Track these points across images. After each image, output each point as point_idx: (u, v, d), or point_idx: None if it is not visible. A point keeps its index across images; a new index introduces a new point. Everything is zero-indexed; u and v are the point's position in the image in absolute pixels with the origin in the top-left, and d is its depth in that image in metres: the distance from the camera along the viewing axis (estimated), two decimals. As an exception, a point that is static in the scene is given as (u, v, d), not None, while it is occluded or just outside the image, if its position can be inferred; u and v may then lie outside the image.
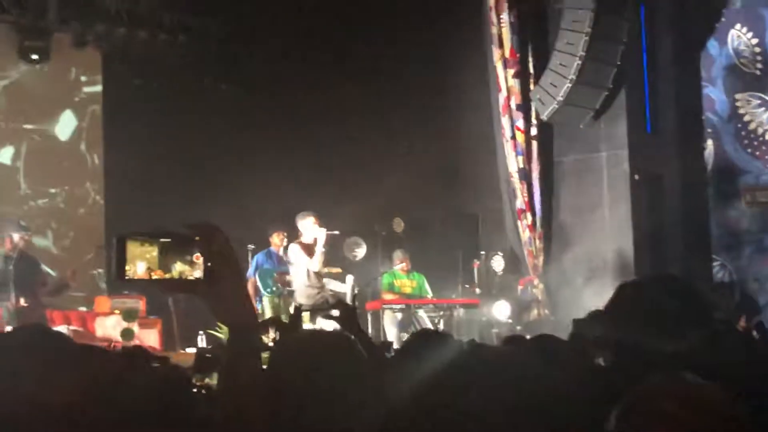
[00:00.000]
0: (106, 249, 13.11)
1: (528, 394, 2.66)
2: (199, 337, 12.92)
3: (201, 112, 15.51)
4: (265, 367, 2.70)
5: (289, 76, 15.48)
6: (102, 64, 15.28)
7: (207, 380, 6.28)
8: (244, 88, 15.54)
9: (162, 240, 2.30)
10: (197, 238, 2.29)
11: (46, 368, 2.20)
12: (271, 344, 6.88)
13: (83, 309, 13.65)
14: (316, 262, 12.45)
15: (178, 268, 2.30)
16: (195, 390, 5.53)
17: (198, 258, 2.29)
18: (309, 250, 12.50)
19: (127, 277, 2.28)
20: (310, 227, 12.55)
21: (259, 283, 13.06)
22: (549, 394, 2.77)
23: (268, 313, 12.73)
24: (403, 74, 15.82)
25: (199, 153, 15.38)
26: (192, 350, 12.42)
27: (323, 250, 12.50)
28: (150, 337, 13.03)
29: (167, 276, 2.29)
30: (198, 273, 2.29)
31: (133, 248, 2.30)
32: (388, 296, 13.62)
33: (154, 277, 2.29)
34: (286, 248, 13.15)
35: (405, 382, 2.81)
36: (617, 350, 3.03)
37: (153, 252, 2.30)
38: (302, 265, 12.51)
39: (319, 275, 12.66)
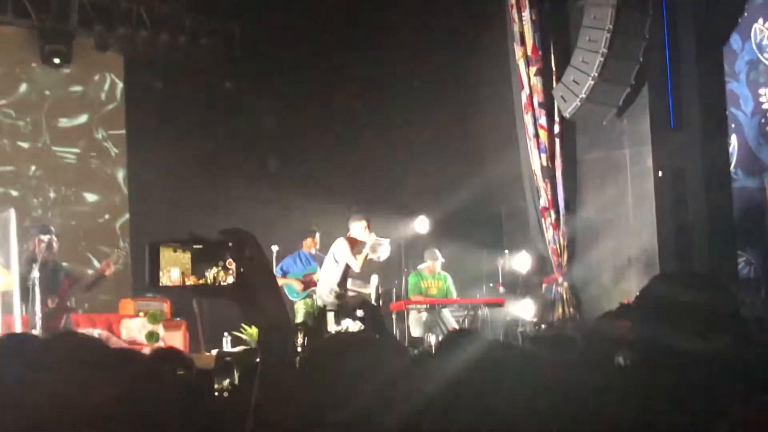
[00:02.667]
0: (131, 254, 13.14)
1: (545, 392, 2.66)
2: (223, 339, 12.94)
3: (223, 115, 15.57)
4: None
5: (312, 77, 15.49)
6: (124, 67, 15.32)
7: (227, 383, 6.30)
8: (267, 90, 15.56)
9: (195, 246, 2.30)
10: (230, 244, 2.29)
11: (79, 373, 2.20)
12: (299, 349, 6.91)
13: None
14: (359, 263, 12.38)
15: (212, 273, 2.30)
16: (217, 393, 5.56)
17: (231, 264, 2.29)
18: (354, 248, 12.45)
19: (161, 284, 2.28)
20: (361, 231, 12.49)
21: (284, 290, 13.06)
22: (565, 393, 2.77)
23: (300, 316, 12.75)
24: (426, 73, 15.83)
25: (222, 155, 15.42)
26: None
27: (368, 252, 12.45)
28: (175, 340, 13.05)
29: (201, 282, 2.29)
30: (231, 278, 2.29)
31: (166, 255, 2.30)
32: (416, 298, 13.58)
33: (188, 283, 2.30)
34: (316, 251, 13.21)
35: (438, 381, 2.82)
36: (639, 349, 3.00)
37: (186, 258, 2.30)
38: (344, 261, 12.41)
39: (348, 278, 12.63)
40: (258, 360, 2.37)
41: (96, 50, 14.74)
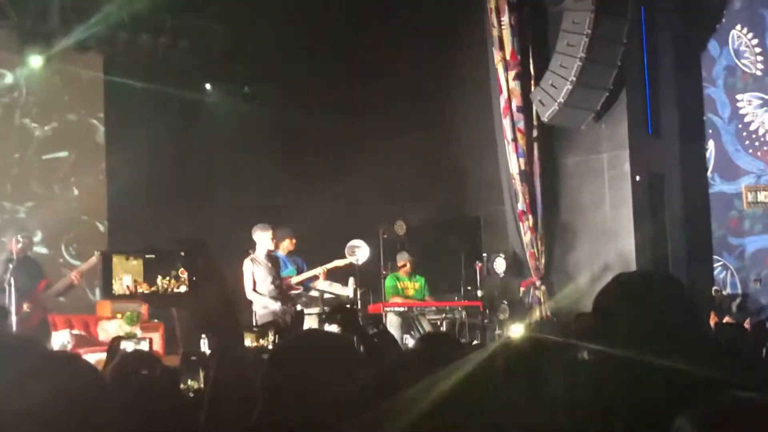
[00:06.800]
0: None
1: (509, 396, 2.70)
2: (201, 341, 12.93)
3: (203, 117, 15.60)
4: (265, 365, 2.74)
5: (290, 81, 15.51)
6: (104, 68, 15.28)
7: (192, 383, 6.35)
8: (246, 93, 15.61)
9: (147, 256, 2.34)
10: (182, 253, 2.33)
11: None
12: (270, 347, 6.94)
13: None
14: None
15: (163, 282, 2.34)
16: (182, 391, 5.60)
17: (183, 272, 2.33)
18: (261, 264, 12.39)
19: (114, 292, 2.32)
20: (267, 241, 12.46)
21: None
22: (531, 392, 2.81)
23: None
24: (405, 77, 15.86)
25: (201, 158, 15.46)
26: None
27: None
28: (152, 342, 13.03)
29: (152, 289, 2.33)
30: (183, 287, 2.33)
31: (119, 263, 2.34)
32: (395, 299, 13.65)
33: (140, 290, 2.34)
34: (291, 252, 13.21)
35: (415, 383, 2.85)
36: (602, 344, 3.05)
37: (139, 266, 2.34)
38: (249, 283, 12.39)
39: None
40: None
41: (76, 51, 14.69)
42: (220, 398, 2.30)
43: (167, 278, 2.05)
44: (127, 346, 10.51)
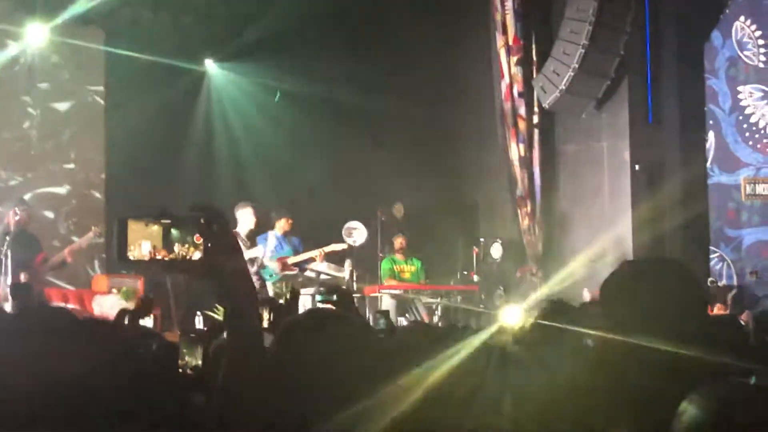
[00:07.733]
0: (106, 231, 13.12)
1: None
2: (196, 318, 12.92)
3: (203, 92, 15.58)
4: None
5: (292, 56, 15.45)
6: (105, 42, 15.21)
7: (190, 360, 6.32)
8: (249, 70, 15.56)
9: (164, 221, 2.32)
10: (201, 220, 2.31)
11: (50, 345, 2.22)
12: (265, 325, 6.91)
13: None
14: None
15: (180, 248, 2.31)
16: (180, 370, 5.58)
17: (199, 239, 2.30)
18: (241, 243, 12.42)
19: (130, 258, 2.30)
20: (248, 217, 12.50)
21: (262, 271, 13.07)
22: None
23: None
24: (405, 60, 15.81)
25: (200, 133, 15.45)
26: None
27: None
28: (147, 318, 13.00)
29: (171, 256, 2.31)
30: (199, 254, 2.31)
31: (135, 229, 2.31)
32: (390, 282, 13.65)
33: (158, 257, 2.31)
34: (288, 233, 13.20)
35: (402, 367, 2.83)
36: (608, 330, 3.04)
37: (157, 232, 2.32)
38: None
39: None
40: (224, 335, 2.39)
41: (77, 25, 14.61)
42: (233, 370, 2.28)
43: (185, 245, 2.04)
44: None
